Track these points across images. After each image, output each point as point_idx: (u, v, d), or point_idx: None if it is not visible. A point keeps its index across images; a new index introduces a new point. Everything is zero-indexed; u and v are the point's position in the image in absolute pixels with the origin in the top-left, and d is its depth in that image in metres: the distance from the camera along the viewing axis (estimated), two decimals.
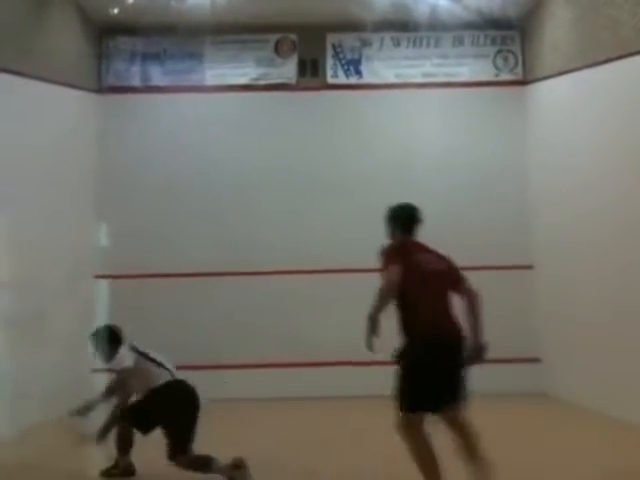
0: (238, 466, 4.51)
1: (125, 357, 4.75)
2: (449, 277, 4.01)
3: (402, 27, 8.82)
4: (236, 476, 4.49)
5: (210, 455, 4.53)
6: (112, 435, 4.72)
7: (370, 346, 3.70)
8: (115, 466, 4.91)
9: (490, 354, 3.97)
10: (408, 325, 3.87)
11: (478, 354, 3.92)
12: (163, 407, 4.63)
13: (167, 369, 4.80)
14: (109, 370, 4.95)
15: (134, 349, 4.84)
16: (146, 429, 4.67)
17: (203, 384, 8.03)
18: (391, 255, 3.89)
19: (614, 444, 5.80)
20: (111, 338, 4.89)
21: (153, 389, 4.68)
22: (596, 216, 7.25)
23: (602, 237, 7.14)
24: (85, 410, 4.69)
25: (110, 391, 4.74)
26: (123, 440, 4.82)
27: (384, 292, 3.74)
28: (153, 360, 4.82)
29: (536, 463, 5.26)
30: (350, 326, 4.80)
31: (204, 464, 4.50)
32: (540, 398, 7.97)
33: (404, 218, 4.16)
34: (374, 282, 3.80)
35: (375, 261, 3.93)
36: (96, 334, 4.95)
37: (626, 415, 6.47)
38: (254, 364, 8.37)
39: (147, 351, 4.86)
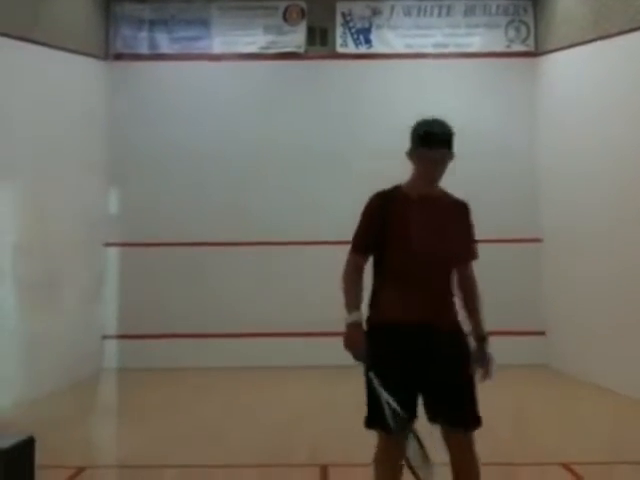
0: None
1: None
2: None
3: None
4: None
5: None
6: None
7: None
8: None
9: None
10: None
11: None
12: None
13: None
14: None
15: None
16: None
17: (209, 352, 8.10)
18: None
19: (612, 416, 5.90)
20: None
21: None
22: (607, 191, 7.23)
23: (612, 212, 7.13)
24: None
25: None
26: None
27: None
28: None
29: (533, 433, 5.35)
30: None
31: None
32: (542, 370, 8.04)
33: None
34: None
35: None
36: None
37: (626, 388, 6.55)
38: (260, 333, 8.43)
39: None
